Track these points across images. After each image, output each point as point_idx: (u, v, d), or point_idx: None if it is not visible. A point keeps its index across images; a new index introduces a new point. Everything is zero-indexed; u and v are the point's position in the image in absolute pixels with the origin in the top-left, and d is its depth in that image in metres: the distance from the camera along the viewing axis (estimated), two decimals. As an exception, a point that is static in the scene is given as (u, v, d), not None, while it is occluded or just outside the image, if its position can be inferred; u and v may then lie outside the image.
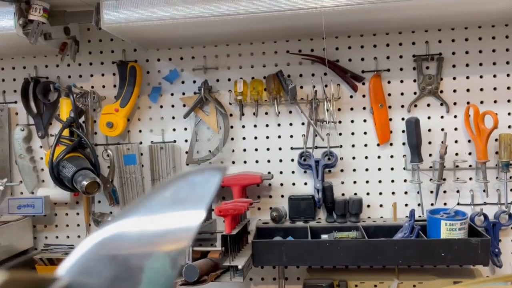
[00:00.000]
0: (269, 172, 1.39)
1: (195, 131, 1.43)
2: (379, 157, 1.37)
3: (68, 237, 1.50)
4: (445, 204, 1.34)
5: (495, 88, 1.32)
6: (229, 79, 1.41)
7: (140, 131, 1.46)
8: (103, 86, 1.46)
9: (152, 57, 1.44)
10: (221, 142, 1.40)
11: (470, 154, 1.34)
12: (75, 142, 1.31)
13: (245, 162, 1.42)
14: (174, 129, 1.44)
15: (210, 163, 1.41)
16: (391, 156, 1.37)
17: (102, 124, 1.39)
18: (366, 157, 1.37)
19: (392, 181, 1.37)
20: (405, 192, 1.37)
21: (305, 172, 1.40)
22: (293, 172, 1.40)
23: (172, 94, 1.44)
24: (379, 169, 1.37)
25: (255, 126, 1.41)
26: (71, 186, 1.27)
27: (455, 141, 1.34)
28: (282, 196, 1.41)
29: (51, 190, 1.45)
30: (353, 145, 1.38)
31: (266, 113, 1.40)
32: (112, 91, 1.45)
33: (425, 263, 1.26)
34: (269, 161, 1.41)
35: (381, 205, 1.38)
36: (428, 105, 1.34)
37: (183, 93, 1.43)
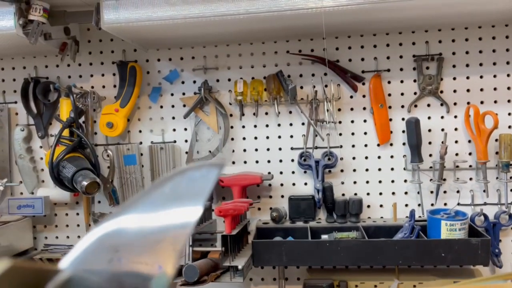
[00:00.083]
0: (269, 172, 1.39)
1: (195, 131, 1.43)
2: (379, 157, 1.37)
3: (68, 238, 1.50)
4: (445, 204, 1.34)
5: (495, 88, 1.32)
6: (229, 79, 1.41)
7: (140, 131, 1.46)
8: (103, 86, 1.46)
9: (152, 57, 1.44)
10: (221, 142, 1.40)
11: (470, 154, 1.34)
12: (75, 142, 1.31)
13: (245, 162, 1.42)
14: (174, 129, 1.44)
15: (210, 163, 1.41)
16: (391, 156, 1.37)
17: (102, 124, 1.39)
18: (366, 157, 1.37)
19: (392, 181, 1.37)
20: (405, 192, 1.37)
21: (305, 172, 1.40)
22: (293, 172, 1.40)
23: (172, 94, 1.44)
24: (379, 169, 1.37)
25: (255, 126, 1.41)
26: (71, 186, 1.27)
27: (455, 141, 1.34)
28: (282, 196, 1.41)
29: (51, 191, 1.45)
30: (353, 145, 1.38)
31: (266, 113, 1.40)
32: (112, 91, 1.45)
33: (425, 264, 1.25)
34: (269, 161, 1.41)
35: (381, 205, 1.38)
36: (428, 105, 1.34)
37: (183, 93, 1.43)
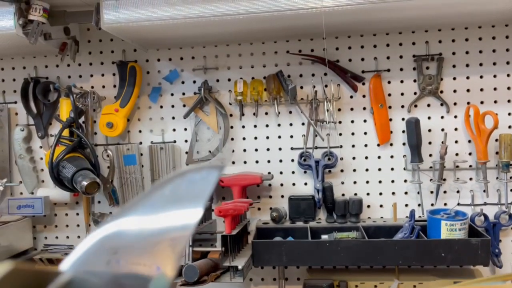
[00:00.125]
0: (269, 173, 1.39)
1: (195, 131, 1.42)
2: (379, 157, 1.37)
3: (68, 238, 1.50)
4: (445, 205, 1.34)
5: (495, 88, 1.32)
6: (229, 79, 1.41)
7: (140, 131, 1.45)
8: (103, 86, 1.46)
9: (152, 57, 1.44)
10: (221, 142, 1.40)
11: (470, 154, 1.33)
12: (75, 143, 1.31)
13: (245, 163, 1.42)
14: (174, 129, 1.44)
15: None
16: (391, 156, 1.37)
17: (102, 124, 1.38)
18: (366, 157, 1.37)
19: (392, 182, 1.37)
20: (405, 193, 1.37)
21: (305, 172, 1.40)
22: (293, 172, 1.40)
23: (172, 94, 1.44)
24: (379, 170, 1.37)
25: (255, 126, 1.41)
26: (71, 187, 1.27)
27: (455, 141, 1.34)
28: (282, 196, 1.40)
29: (51, 191, 1.45)
30: (353, 145, 1.37)
31: (266, 113, 1.40)
32: (112, 91, 1.45)
33: (425, 264, 1.25)
34: (269, 161, 1.41)
35: (381, 206, 1.38)
36: (428, 105, 1.34)
37: (183, 93, 1.43)
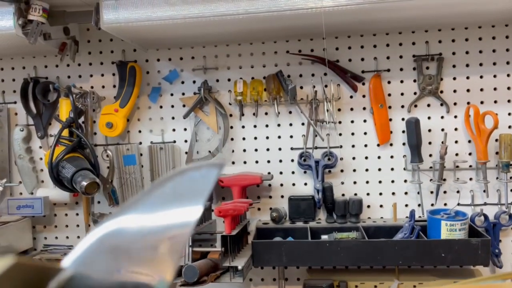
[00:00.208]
0: (269, 173, 1.38)
1: (195, 132, 1.42)
2: (379, 158, 1.37)
3: (68, 238, 1.50)
4: (445, 205, 1.34)
5: (495, 88, 1.32)
6: (229, 79, 1.40)
7: (140, 132, 1.45)
8: (103, 87, 1.46)
9: (152, 57, 1.44)
10: (221, 143, 1.40)
11: (470, 155, 1.33)
12: (75, 143, 1.31)
13: (245, 163, 1.41)
14: (174, 130, 1.44)
15: (210, 164, 1.41)
16: (391, 157, 1.36)
17: (102, 125, 1.38)
18: (366, 158, 1.37)
19: (392, 182, 1.37)
20: (405, 193, 1.37)
21: (305, 173, 1.40)
22: (293, 173, 1.40)
23: (172, 95, 1.44)
24: (379, 170, 1.37)
25: (255, 127, 1.41)
26: (71, 187, 1.27)
27: (455, 142, 1.34)
28: (282, 197, 1.40)
29: (51, 191, 1.45)
30: (353, 146, 1.37)
31: (266, 114, 1.40)
32: (112, 91, 1.44)
33: (425, 264, 1.25)
34: (269, 162, 1.41)
35: (381, 206, 1.38)
36: (428, 105, 1.34)
37: (183, 93, 1.43)
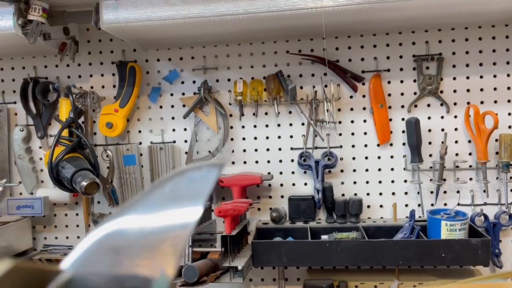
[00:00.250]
0: (269, 173, 1.38)
1: (195, 132, 1.42)
2: (379, 158, 1.37)
3: (68, 238, 1.50)
4: (445, 205, 1.34)
5: (495, 88, 1.32)
6: (229, 79, 1.40)
7: (140, 132, 1.45)
8: (103, 87, 1.46)
9: (152, 57, 1.44)
10: (221, 143, 1.40)
11: (470, 155, 1.33)
12: (75, 143, 1.31)
13: (245, 163, 1.41)
14: (174, 130, 1.44)
15: (210, 164, 1.41)
16: (391, 157, 1.36)
17: (102, 125, 1.38)
18: (366, 158, 1.37)
19: (392, 182, 1.37)
20: (405, 193, 1.37)
21: (305, 173, 1.39)
22: (293, 173, 1.40)
23: (172, 95, 1.43)
24: (379, 170, 1.37)
25: (255, 127, 1.40)
26: (70, 187, 1.27)
27: (455, 142, 1.34)
28: (282, 197, 1.40)
29: (50, 191, 1.45)
30: (353, 146, 1.37)
31: (266, 114, 1.40)
32: (112, 92, 1.44)
33: (425, 264, 1.25)
34: (269, 162, 1.40)
35: (381, 206, 1.38)
36: (428, 105, 1.34)
37: (183, 94, 1.43)
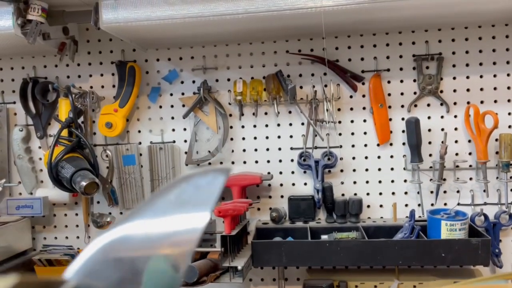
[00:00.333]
0: (269, 173, 1.38)
1: (195, 131, 1.42)
2: (379, 157, 1.37)
3: (67, 238, 1.50)
4: (445, 204, 1.34)
5: (495, 88, 1.32)
6: (229, 79, 1.40)
7: (139, 132, 1.45)
8: (102, 86, 1.45)
9: (151, 57, 1.43)
10: (221, 143, 1.40)
11: (470, 154, 1.33)
12: (74, 143, 1.30)
13: (245, 163, 1.41)
14: (173, 130, 1.44)
15: (210, 164, 1.41)
16: (391, 156, 1.36)
17: (101, 125, 1.38)
18: (366, 157, 1.37)
19: (392, 181, 1.37)
20: (405, 192, 1.37)
21: (305, 173, 1.39)
22: (293, 173, 1.40)
23: (171, 94, 1.43)
24: (379, 169, 1.37)
25: (255, 126, 1.40)
26: (70, 187, 1.27)
27: (455, 141, 1.33)
28: (282, 197, 1.40)
29: (50, 191, 1.45)
30: (353, 145, 1.37)
31: (266, 113, 1.40)
32: (111, 91, 1.44)
33: (425, 264, 1.25)
34: (269, 162, 1.40)
35: (381, 206, 1.38)
36: (428, 105, 1.34)
37: (182, 93, 1.43)
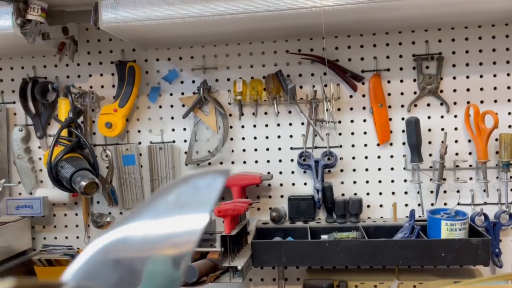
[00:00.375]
0: (269, 172, 1.38)
1: (194, 131, 1.42)
2: (379, 157, 1.36)
3: (67, 238, 1.50)
4: (445, 204, 1.34)
5: (495, 88, 1.32)
6: (228, 79, 1.40)
7: (139, 131, 1.45)
8: (102, 86, 1.45)
9: (151, 57, 1.43)
10: (220, 142, 1.40)
11: (470, 154, 1.33)
12: (74, 143, 1.30)
13: (245, 162, 1.41)
14: (173, 129, 1.44)
15: (210, 164, 1.41)
16: (391, 156, 1.36)
17: (101, 124, 1.38)
18: (366, 157, 1.37)
19: (392, 181, 1.36)
20: (405, 192, 1.36)
21: (305, 172, 1.39)
22: (293, 172, 1.40)
23: (171, 94, 1.43)
24: (379, 169, 1.37)
25: (255, 126, 1.40)
26: (70, 187, 1.27)
27: (455, 141, 1.33)
28: (282, 196, 1.40)
29: (50, 191, 1.44)
30: (353, 145, 1.37)
31: (266, 113, 1.40)
32: (111, 91, 1.44)
33: (426, 264, 1.25)
34: (269, 161, 1.40)
35: (381, 205, 1.37)
36: (428, 105, 1.34)
37: (182, 93, 1.42)
